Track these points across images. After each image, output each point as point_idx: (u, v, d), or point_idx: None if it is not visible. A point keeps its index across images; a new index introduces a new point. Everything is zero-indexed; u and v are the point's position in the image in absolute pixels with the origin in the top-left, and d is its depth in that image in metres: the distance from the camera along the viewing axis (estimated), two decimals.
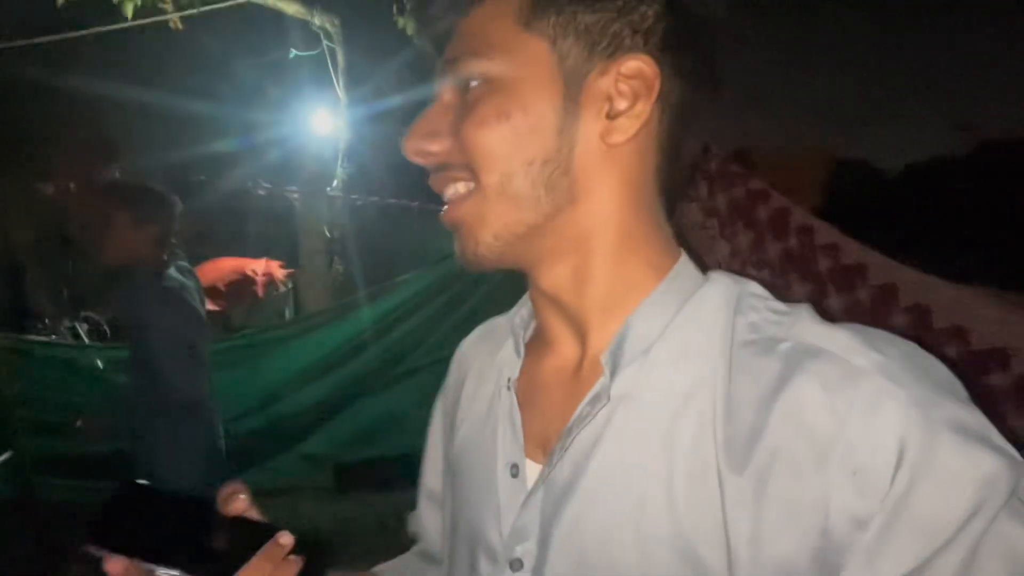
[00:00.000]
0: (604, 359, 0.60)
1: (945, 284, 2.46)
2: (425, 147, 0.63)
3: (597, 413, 0.59)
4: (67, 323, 7.25)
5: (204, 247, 7.11)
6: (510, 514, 0.63)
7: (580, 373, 0.65)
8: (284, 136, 6.40)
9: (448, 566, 0.73)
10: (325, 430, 4.28)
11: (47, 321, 7.36)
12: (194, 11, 4.42)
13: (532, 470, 0.64)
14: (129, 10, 4.13)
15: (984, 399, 0.53)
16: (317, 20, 5.48)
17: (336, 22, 5.55)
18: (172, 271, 2.33)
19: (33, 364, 3.68)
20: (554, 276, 0.63)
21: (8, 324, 5.89)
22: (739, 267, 2.96)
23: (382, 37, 5.46)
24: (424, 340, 4.18)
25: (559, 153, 0.59)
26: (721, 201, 3.07)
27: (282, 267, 7.62)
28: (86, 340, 6.65)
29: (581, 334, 0.65)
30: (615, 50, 0.59)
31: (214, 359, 2.53)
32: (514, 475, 0.64)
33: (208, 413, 2.37)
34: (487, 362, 0.76)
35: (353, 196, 6.19)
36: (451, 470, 0.75)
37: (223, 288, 7.09)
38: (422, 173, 0.65)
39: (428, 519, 0.86)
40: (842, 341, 0.53)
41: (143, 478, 0.64)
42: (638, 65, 0.58)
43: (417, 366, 4.21)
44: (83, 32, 4.52)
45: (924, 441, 0.48)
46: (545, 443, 0.64)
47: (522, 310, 0.73)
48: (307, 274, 6.46)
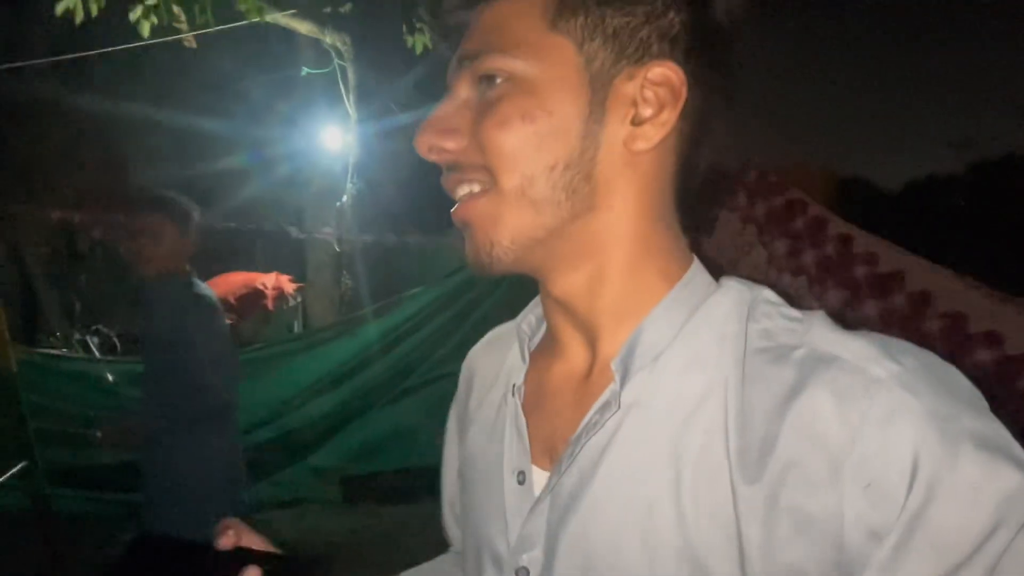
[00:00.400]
0: (615, 365, 0.58)
1: (981, 290, 2.46)
2: (440, 144, 0.60)
3: (606, 421, 0.58)
4: (78, 336, 7.34)
5: (216, 263, 7.20)
6: (516, 522, 0.62)
7: (589, 379, 0.63)
8: (295, 151, 6.49)
9: (464, 573, 0.73)
10: (333, 443, 4.29)
11: (58, 334, 7.45)
12: (209, 30, 4.49)
13: (539, 477, 0.63)
14: (146, 29, 4.19)
15: (1019, 404, 0.53)
16: (329, 39, 5.55)
17: (347, 40, 5.62)
18: (198, 281, 2.38)
19: (47, 377, 3.72)
20: (567, 282, 0.62)
21: (21, 337, 5.95)
22: (776, 274, 3.05)
23: (392, 55, 5.55)
24: (431, 354, 4.20)
25: (582, 158, 0.57)
26: (760, 210, 3.15)
27: (291, 281, 7.69)
28: (97, 353, 6.73)
29: (591, 340, 0.63)
30: (642, 56, 0.57)
31: None
32: (520, 482, 0.63)
33: (234, 421, 2.41)
34: (494, 369, 0.75)
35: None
36: (461, 477, 0.75)
37: (234, 301, 7.13)
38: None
39: (451, 527, 0.87)
40: (857, 349, 0.52)
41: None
42: (665, 72, 0.57)
43: (424, 380, 4.23)
44: (100, 52, 4.60)
45: (941, 454, 0.46)
46: (552, 450, 0.63)
47: (530, 315, 0.72)
48: (315, 288, 6.52)
